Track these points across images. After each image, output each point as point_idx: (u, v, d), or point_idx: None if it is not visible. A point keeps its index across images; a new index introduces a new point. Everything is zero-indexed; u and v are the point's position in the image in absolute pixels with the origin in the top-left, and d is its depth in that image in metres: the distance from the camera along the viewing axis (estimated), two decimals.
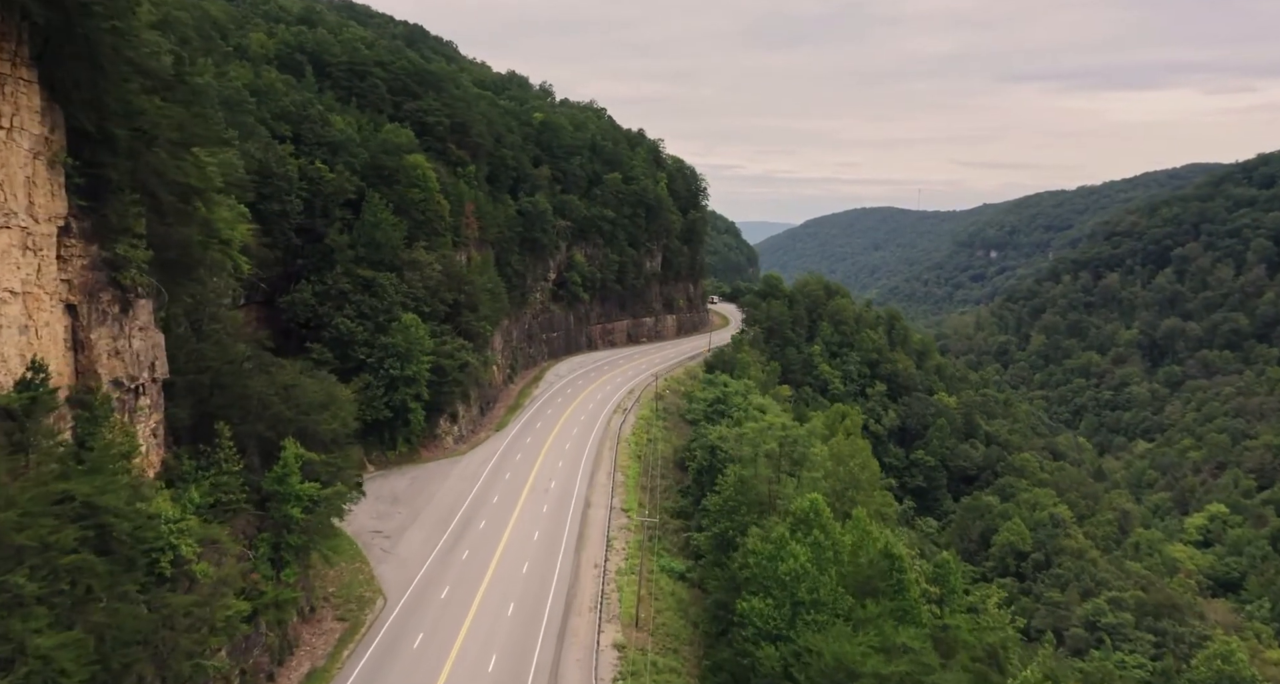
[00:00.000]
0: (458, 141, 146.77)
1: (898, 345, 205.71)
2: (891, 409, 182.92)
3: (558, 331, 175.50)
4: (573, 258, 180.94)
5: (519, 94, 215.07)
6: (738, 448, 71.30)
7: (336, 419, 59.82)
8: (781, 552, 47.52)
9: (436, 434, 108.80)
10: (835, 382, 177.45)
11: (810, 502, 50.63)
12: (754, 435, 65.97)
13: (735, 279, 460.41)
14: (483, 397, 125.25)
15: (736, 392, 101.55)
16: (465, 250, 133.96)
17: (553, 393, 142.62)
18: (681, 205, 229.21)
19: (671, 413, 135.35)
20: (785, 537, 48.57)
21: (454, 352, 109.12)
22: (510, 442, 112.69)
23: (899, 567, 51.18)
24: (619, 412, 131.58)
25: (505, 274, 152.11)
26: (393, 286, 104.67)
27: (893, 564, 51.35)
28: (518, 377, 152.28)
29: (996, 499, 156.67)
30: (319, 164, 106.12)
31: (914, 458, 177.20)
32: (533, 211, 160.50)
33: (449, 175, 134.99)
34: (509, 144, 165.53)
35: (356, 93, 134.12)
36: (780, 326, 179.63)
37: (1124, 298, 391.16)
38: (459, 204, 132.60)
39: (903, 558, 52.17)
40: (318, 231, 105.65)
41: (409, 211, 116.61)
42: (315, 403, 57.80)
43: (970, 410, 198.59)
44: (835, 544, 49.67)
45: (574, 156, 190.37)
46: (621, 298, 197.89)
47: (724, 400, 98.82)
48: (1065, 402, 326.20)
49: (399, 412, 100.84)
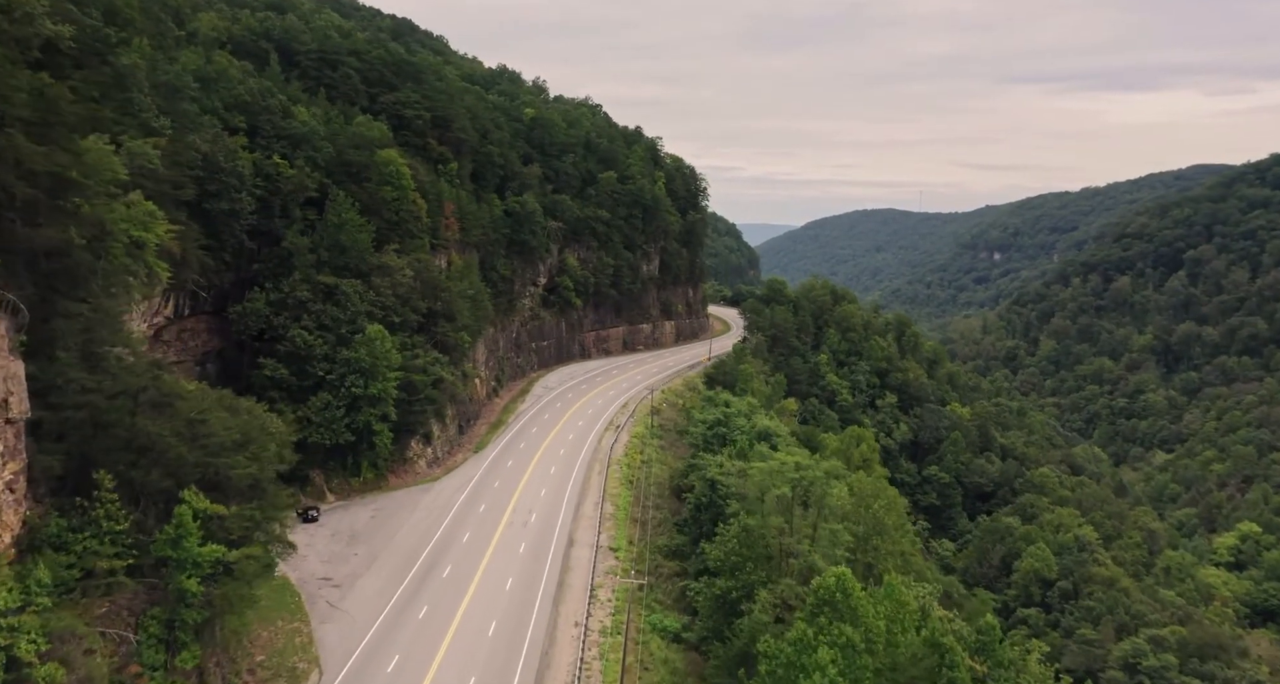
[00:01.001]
0: (439, 137, 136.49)
1: (908, 353, 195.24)
2: (903, 422, 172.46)
3: (548, 340, 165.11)
4: (565, 261, 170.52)
5: (509, 89, 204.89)
6: (741, 485, 61.02)
7: (258, 460, 49.30)
8: (803, 659, 37.27)
9: (407, 458, 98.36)
10: (843, 393, 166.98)
11: (836, 578, 40.39)
12: (762, 477, 55.71)
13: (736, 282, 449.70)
14: (462, 413, 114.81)
15: (739, 412, 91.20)
16: (445, 254, 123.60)
17: (540, 407, 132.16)
18: (680, 206, 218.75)
19: (669, 429, 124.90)
20: (808, 637, 38.24)
21: (427, 366, 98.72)
22: (490, 465, 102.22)
23: (950, 662, 40.89)
24: (611, 429, 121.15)
25: (490, 279, 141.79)
26: (358, 294, 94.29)
27: (942, 658, 41.06)
28: (504, 389, 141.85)
29: (1017, 521, 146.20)
30: (277, 159, 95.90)
31: (927, 474, 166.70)
32: (521, 212, 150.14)
33: (428, 173, 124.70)
34: (496, 140, 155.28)
35: (327, 83, 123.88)
36: (785, 334, 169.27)
37: (1136, 302, 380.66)
38: (438, 203, 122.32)
39: (954, 650, 41.88)
40: (275, 233, 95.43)
41: (380, 211, 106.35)
42: (228, 442, 47.33)
43: (985, 422, 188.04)
44: (868, 631, 39.52)
45: (567, 154, 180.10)
46: (617, 303, 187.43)
47: (725, 423, 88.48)
48: (1078, 409, 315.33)
49: (363, 434, 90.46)
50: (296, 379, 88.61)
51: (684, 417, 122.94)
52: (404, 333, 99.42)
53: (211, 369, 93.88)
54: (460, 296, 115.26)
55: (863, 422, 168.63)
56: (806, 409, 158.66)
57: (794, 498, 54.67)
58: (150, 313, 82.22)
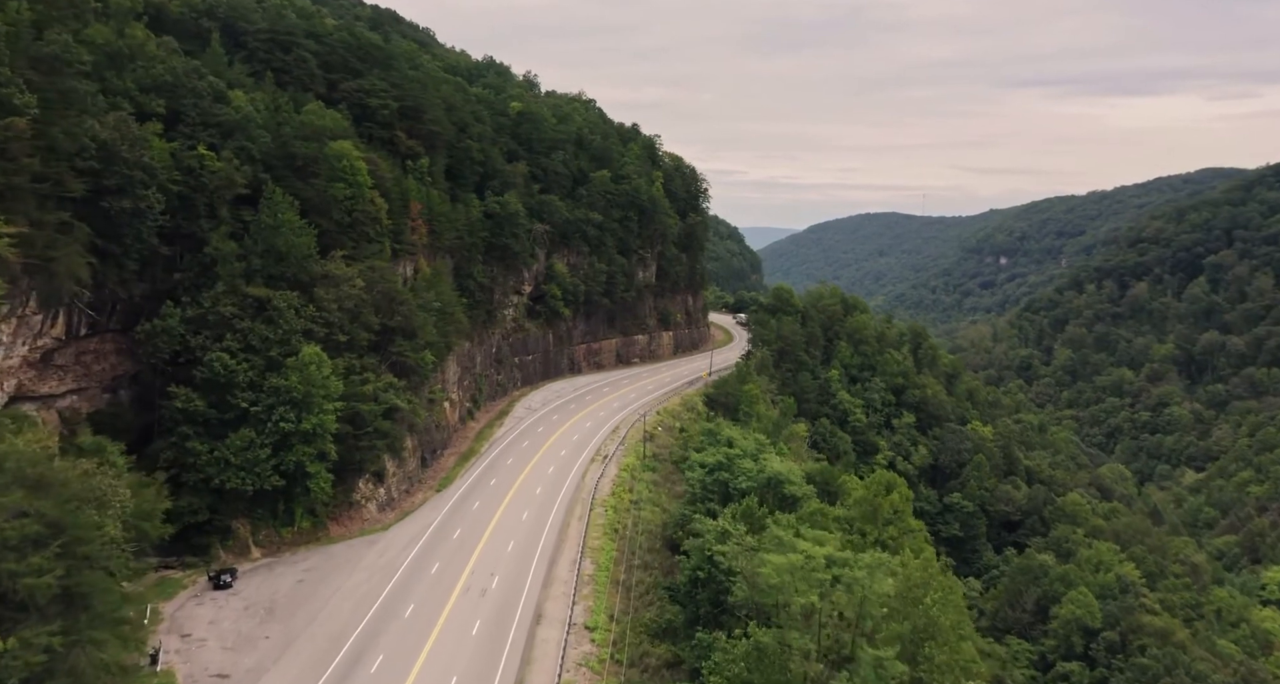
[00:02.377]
0: (408, 130, 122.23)
1: (925, 367, 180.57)
2: (922, 444, 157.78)
3: (533, 354, 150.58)
4: (552, 267, 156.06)
5: (496, 82, 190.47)
6: (749, 564, 46.58)
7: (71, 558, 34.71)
8: None
9: (353, 501, 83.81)
10: (856, 412, 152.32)
11: None
12: (781, 577, 41.38)
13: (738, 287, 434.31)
14: (425, 443, 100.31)
15: (745, 452, 76.75)
16: (410, 260, 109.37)
17: (520, 433, 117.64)
18: (679, 208, 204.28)
19: (663, 459, 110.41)
20: None
21: (378, 393, 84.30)
22: (453, 508, 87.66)
23: None
24: (597, 459, 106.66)
25: (467, 288, 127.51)
26: (294, 309, 79.86)
27: None
28: (481, 410, 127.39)
29: (1052, 557, 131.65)
30: (202, 149, 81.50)
31: (949, 501, 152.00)
32: (502, 213, 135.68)
33: (393, 169, 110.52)
34: (476, 135, 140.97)
35: (278, 67, 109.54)
36: (793, 348, 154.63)
37: (1154, 309, 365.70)
38: (403, 203, 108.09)
39: None
40: (198, 237, 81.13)
41: (328, 212, 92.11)
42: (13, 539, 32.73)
43: (1008, 442, 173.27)
44: None
45: (556, 152, 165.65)
46: (610, 313, 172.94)
47: (728, 468, 73.66)
48: (1098, 422, 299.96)
49: (295, 477, 75.96)
50: (216, 412, 74.18)
51: (681, 445, 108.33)
52: (351, 354, 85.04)
53: (125, 396, 79.62)
54: (424, 309, 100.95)
55: (878, 444, 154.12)
56: (817, 431, 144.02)
57: (825, 611, 40.33)
58: (30, 334, 67.98)
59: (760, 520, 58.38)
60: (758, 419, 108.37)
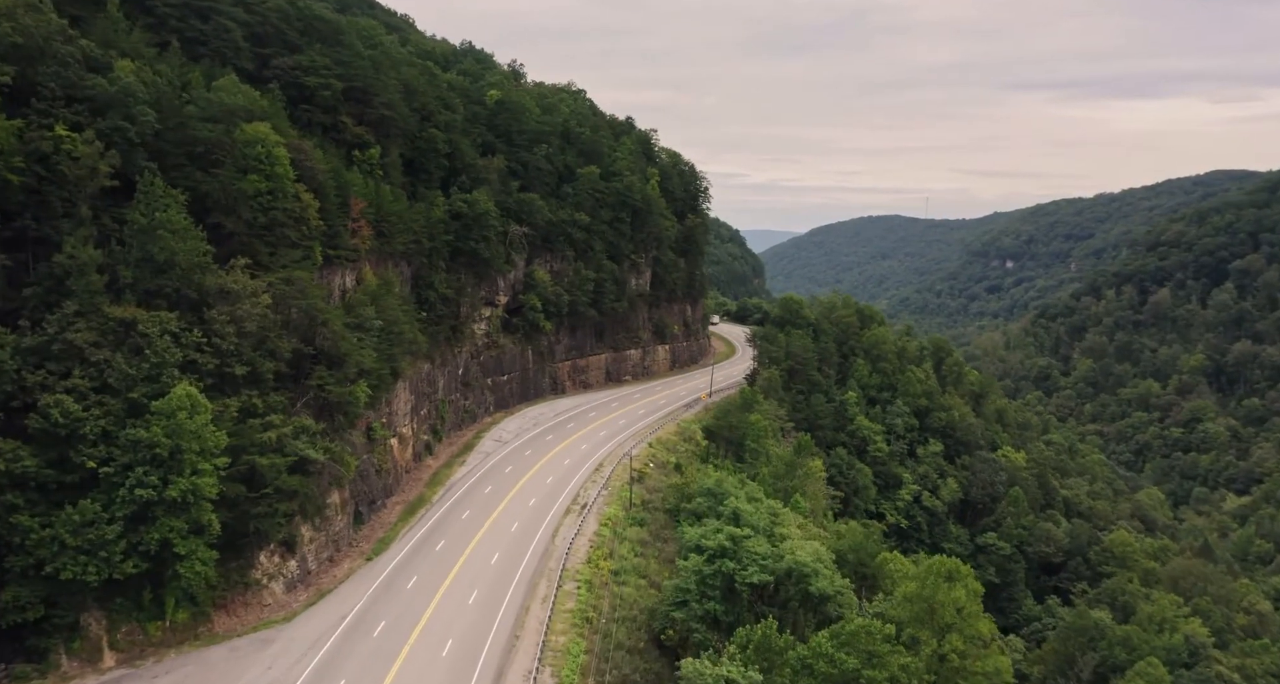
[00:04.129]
0: (357, 115, 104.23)
1: (949, 386, 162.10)
2: (950, 475, 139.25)
3: (509, 374, 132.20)
4: (532, 275, 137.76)
5: (472, 69, 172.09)
6: None
7: None
8: None
9: (251, 581, 65.36)
10: (877, 440, 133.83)
11: None
12: None
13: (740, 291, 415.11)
14: (361, 494, 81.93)
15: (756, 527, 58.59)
16: (349, 269, 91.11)
17: (484, 473, 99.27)
18: (677, 209, 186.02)
19: (654, 508, 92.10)
20: None
21: (284, 442, 65.98)
22: (382, 586, 69.25)
23: None
24: (574, 510, 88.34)
25: (427, 300, 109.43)
26: (170, 335, 61.58)
27: None
28: (442, 443, 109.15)
29: (1107, 614, 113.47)
30: (62, 129, 63.40)
31: (982, 542, 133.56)
32: (470, 213, 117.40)
33: (331, 159, 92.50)
34: (444, 124, 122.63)
35: (193, 38, 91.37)
36: (804, 366, 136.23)
37: (1178, 316, 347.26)
38: (342, 200, 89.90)
39: None
40: (52, 240, 63.02)
41: (236, 209, 73.97)
42: None
43: (1043, 470, 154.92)
44: None
45: (539, 145, 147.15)
46: (598, 326, 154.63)
47: (734, 554, 54.92)
48: (1124, 439, 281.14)
49: (161, 559, 57.63)
50: (54, 473, 55.94)
51: (676, 494, 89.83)
52: (252, 391, 66.71)
53: None
54: (362, 329, 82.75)
55: (901, 476, 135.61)
56: (832, 462, 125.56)
57: None
58: None
59: (781, 652, 40.41)
60: (767, 460, 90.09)
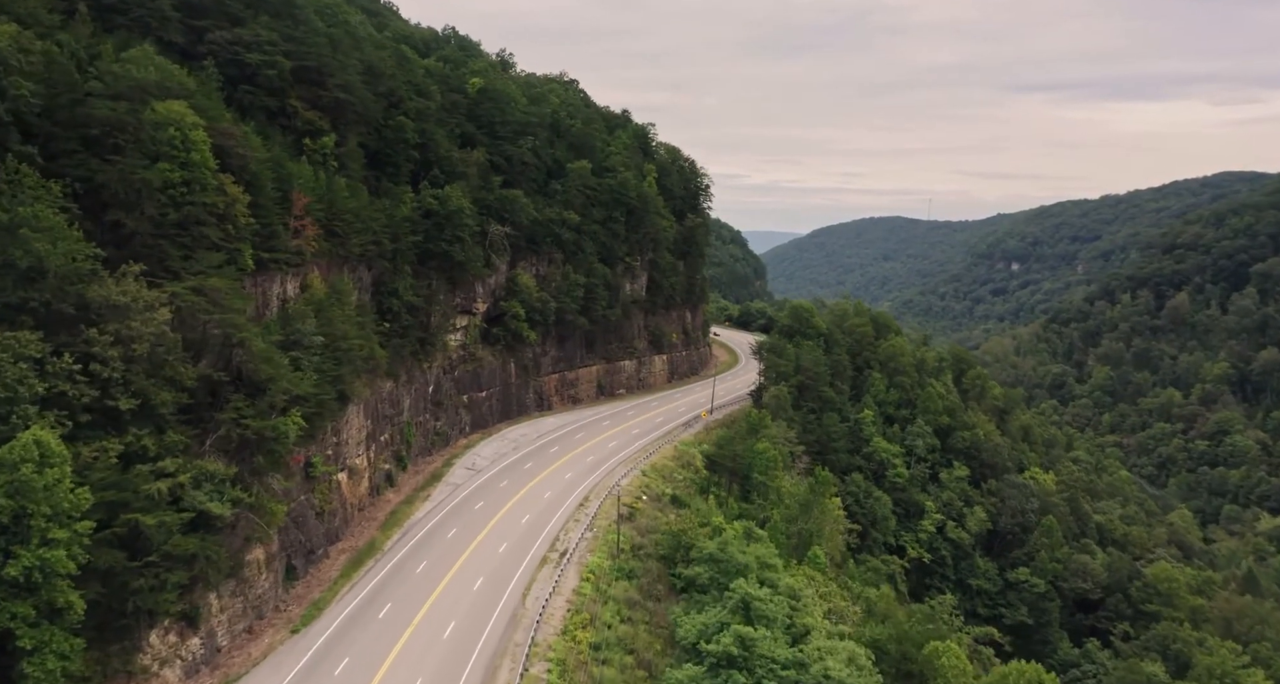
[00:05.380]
0: (309, 99, 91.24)
1: (971, 401, 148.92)
2: (978, 503, 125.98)
3: (488, 389, 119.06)
4: (515, 280, 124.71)
5: (454, 55, 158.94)
6: None
7: None
8: None
9: (138, 669, 52.11)
10: (897, 464, 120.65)
11: None
12: None
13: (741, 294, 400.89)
14: (295, 545, 68.73)
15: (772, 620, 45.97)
16: (290, 275, 77.97)
17: (450, 511, 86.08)
18: (676, 208, 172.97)
19: (646, 554, 78.89)
20: None
21: (180, 493, 52.80)
22: (302, 673, 55.89)
23: None
24: (550, 560, 75.21)
25: (390, 309, 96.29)
26: (25, 362, 48.47)
27: None
28: (407, 472, 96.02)
29: (1159, 666, 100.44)
30: None
31: (1012, 578, 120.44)
32: (441, 211, 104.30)
33: (271, 147, 79.60)
34: (415, 111, 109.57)
35: (110, 7, 78.33)
36: (816, 381, 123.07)
37: (1197, 322, 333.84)
38: (282, 194, 76.87)
39: None
40: None
41: (140, 205, 60.91)
42: None
43: (1074, 494, 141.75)
44: None
45: (524, 137, 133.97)
46: (588, 335, 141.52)
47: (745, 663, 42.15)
48: (1146, 451, 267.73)
49: (5, 652, 44.50)
50: None
51: (672, 540, 76.56)
52: (142, 429, 53.56)
53: None
54: (298, 347, 69.64)
55: (924, 504, 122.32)
56: (848, 490, 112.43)
57: None
58: None
59: None
60: (778, 499, 77.05)
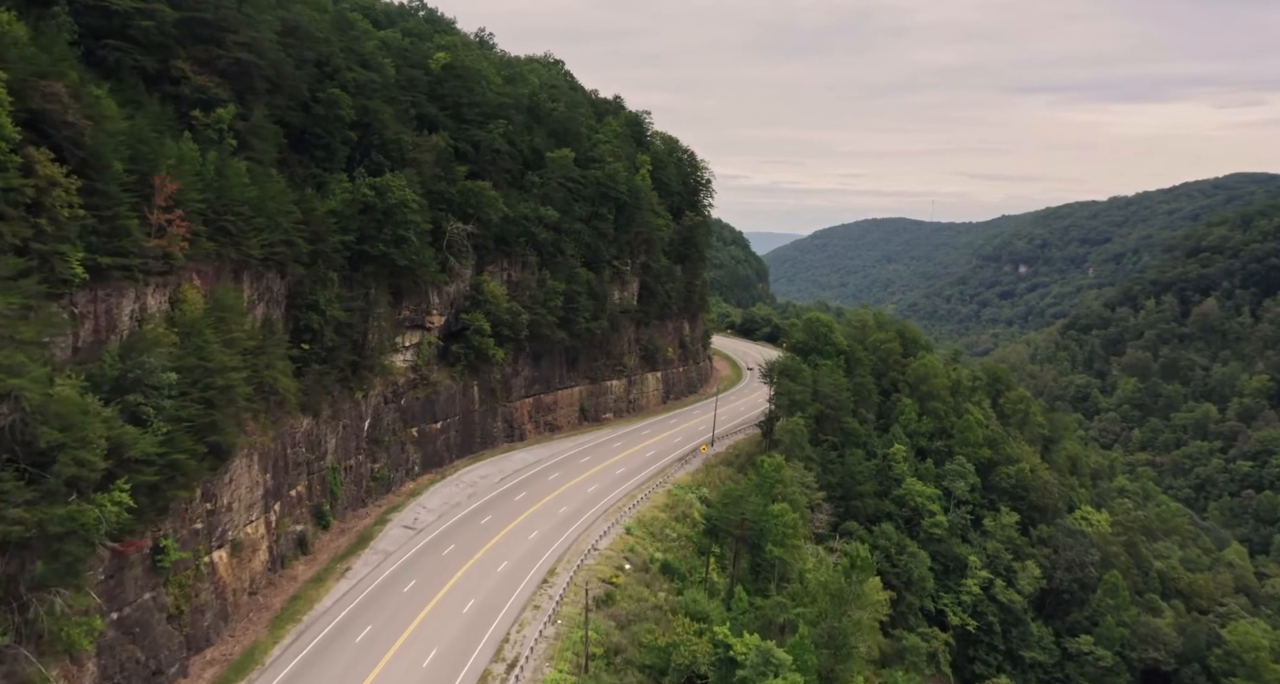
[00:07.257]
0: (202, 60, 71.28)
1: (1013, 428, 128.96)
2: (1029, 556, 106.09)
3: (444, 420, 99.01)
4: (481, 287, 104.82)
5: (420, 28, 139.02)
6: None
7: None
8: None
9: None
10: (935, 510, 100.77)
11: None
12: None
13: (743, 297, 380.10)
14: (130, 670, 48.70)
15: None
16: (159, 285, 57.87)
17: (371, 592, 66.02)
18: (673, 205, 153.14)
19: (625, 663, 58.74)
20: None
21: None
22: None
23: None
24: (492, 676, 55.05)
25: (309, 326, 76.31)
26: None
27: None
28: (329, 533, 76.05)
29: None
30: None
31: (1072, 647, 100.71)
32: (379, 205, 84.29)
33: (144, 120, 59.73)
34: (353, 84, 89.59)
35: None
36: (837, 410, 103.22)
37: (1228, 330, 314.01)
38: (141, 178, 56.87)
39: None
40: None
41: None
42: None
43: (1132, 536, 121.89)
44: None
45: (495, 121, 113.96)
46: (570, 351, 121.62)
47: None
48: (1182, 471, 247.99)
49: None
50: None
51: (660, 655, 56.49)
52: None
53: None
54: (141, 388, 49.74)
55: (966, 559, 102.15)
56: (876, 544, 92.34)
57: None
58: None
59: None
60: (801, 587, 57.33)
